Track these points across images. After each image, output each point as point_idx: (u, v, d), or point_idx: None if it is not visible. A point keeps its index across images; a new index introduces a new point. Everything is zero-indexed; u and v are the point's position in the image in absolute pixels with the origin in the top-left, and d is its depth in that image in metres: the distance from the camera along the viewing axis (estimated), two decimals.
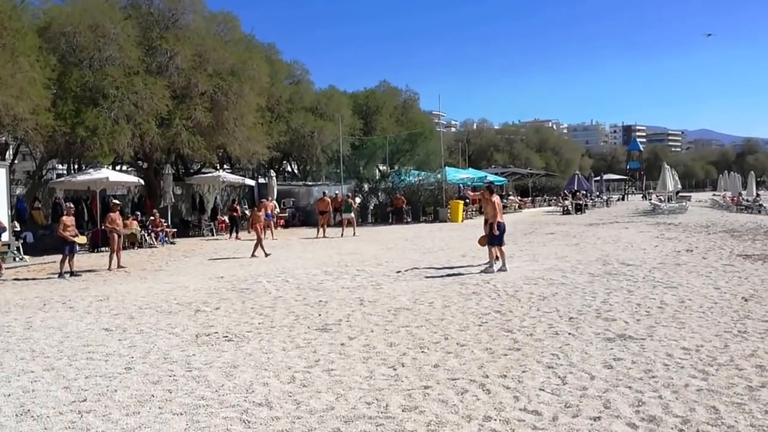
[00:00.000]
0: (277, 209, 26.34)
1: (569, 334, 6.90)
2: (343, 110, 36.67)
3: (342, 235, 22.68)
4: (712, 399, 4.75)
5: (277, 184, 30.27)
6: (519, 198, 47.62)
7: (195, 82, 23.28)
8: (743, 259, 12.98)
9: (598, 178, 63.52)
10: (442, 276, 11.70)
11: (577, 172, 51.43)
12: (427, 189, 33.16)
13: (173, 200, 24.21)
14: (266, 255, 15.89)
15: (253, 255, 16.08)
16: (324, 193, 26.00)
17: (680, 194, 46.36)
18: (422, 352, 6.33)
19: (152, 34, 23.36)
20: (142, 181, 24.02)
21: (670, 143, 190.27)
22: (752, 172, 51.28)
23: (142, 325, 8.07)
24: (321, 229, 22.93)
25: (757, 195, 43.89)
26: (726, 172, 57.53)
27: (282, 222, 28.55)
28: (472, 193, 26.92)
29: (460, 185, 36.50)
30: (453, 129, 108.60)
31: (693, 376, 5.32)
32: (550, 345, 6.44)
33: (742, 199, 40.31)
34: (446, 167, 35.72)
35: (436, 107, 75.57)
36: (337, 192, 29.09)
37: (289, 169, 42.16)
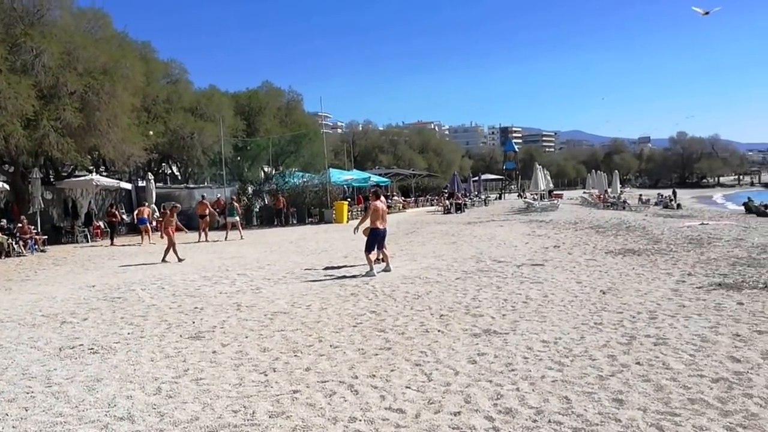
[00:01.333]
0: (156, 213, 25.33)
1: (439, 331, 7.16)
2: (225, 111, 35.85)
3: (226, 238, 22.23)
4: (566, 389, 5.07)
5: (157, 188, 29.12)
6: (403, 198, 48.60)
7: (64, 81, 21.88)
8: (605, 254, 13.97)
9: (477, 178, 66.10)
10: (322, 278, 11.74)
11: (456, 172, 53.27)
12: (312, 190, 33.14)
13: (42, 206, 22.66)
14: (179, 260, 15.55)
15: (164, 260, 15.66)
16: (203, 196, 25.27)
17: (553, 192, 49.21)
18: (295, 356, 6.33)
19: (16, 31, 21.74)
20: (7, 186, 22.35)
21: (544, 144, 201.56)
22: (617, 171, 55.35)
23: (1, 340, 7.52)
24: (202, 234, 22.38)
25: (621, 192, 47.43)
26: (594, 171, 61.67)
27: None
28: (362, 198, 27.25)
29: (344, 186, 36.79)
30: (339, 130, 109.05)
31: (549, 367, 5.66)
32: (420, 343, 6.65)
33: (608, 196, 43.41)
34: (331, 168, 35.84)
35: (320, 109, 75.32)
36: (219, 195, 28.38)
37: (169, 171, 40.68)
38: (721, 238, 16.06)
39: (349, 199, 34.58)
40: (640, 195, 53.90)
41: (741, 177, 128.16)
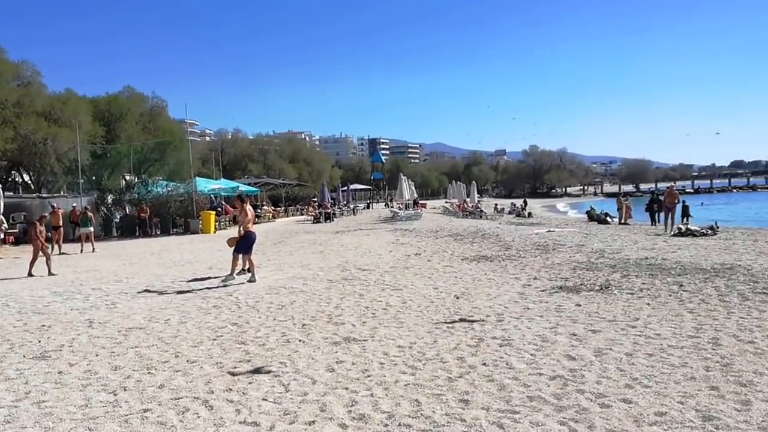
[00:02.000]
0: (5, 225, 23.33)
1: (300, 341, 7.22)
2: (82, 116, 33.88)
3: (82, 251, 20.97)
4: (417, 392, 5.30)
5: (5, 197, 26.79)
6: (272, 208, 48.09)
7: None
8: (461, 260, 14.68)
9: (346, 187, 66.94)
10: (184, 291, 11.40)
11: (325, 182, 53.68)
12: (178, 200, 31.97)
13: None
14: (50, 274, 14.47)
15: (29, 274, 14.53)
16: (53, 206, 23.57)
17: (417, 202, 50.82)
18: (149, 373, 6.13)
19: None
20: None
21: (410, 155, 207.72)
22: (475, 181, 58.26)
23: None
24: (56, 246, 20.96)
25: (479, 202, 49.99)
26: (454, 181, 64.42)
27: (11, 239, 25.37)
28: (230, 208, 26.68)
29: (212, 196, 35.84)
30: (208, 138, 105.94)
31: (403, 372, 5.91)
32: (280, 353, 6.68)
33: (467, 205, 45.52)
34: (198, 177, 34.80)
35: (186, 116, 72.90)
36: (74, 204, 26.65)
37: (20, 179, 37.64)
38: (565, 244, 17.41)
39: (218, 209, 33.68)
40: (496, 204, 57.24)
41: (586, 187, 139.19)
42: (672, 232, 20.94)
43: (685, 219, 26.34)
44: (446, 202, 58.61)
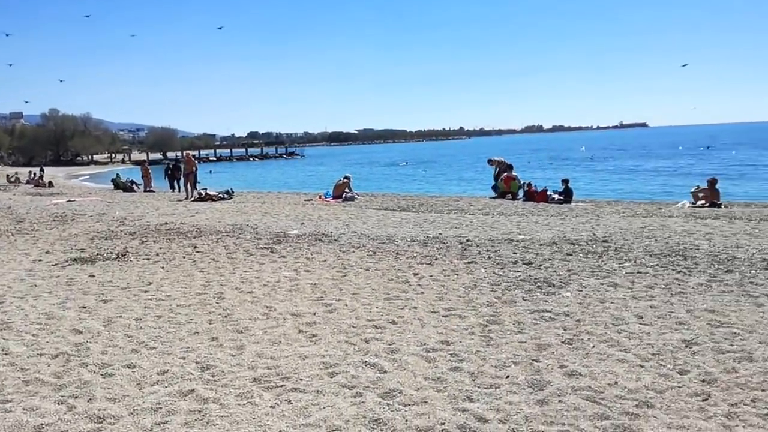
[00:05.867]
0: None
1: None
2: None
3: None
4: None
5: None
6: None
7: None
8: None
9: None
10: None
11: None
12: None
13: None
14: None
15: None
16: None
17: None
18: None
19: None
20: None
21: None
22: None
23: None
24: None
25: None
26: None
27: None
28: None
29: None
30: None
31: None
32: None
33: None
34: None
35: None
36: None
37: None
38: (86, 213, 16.52)
39: None
40: (8, 174, 49.46)
41: (113, 155, 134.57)
42: (192, 198, 21.95)
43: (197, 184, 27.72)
44: None
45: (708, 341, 5.15)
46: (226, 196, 21.93)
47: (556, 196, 19.79)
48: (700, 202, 17.23)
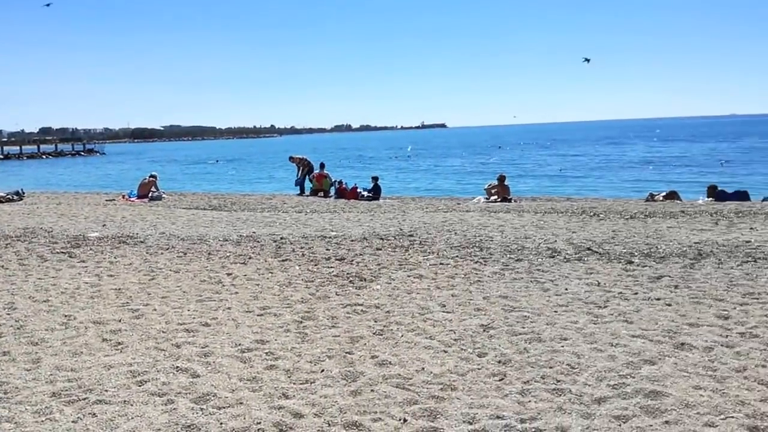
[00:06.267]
0: None
1: None
2: None
3: None
4: None
5: None
6: None
7: None
8: None
9: None
10: None
11: None
12: None
13: None
14: None
15: None
16: None
17: None
18: None
19: None
20: None
21: None
22: None
23: None
24: None
25: None
26: None
27: None
28: None
29: None
30: None
31: None
32: None
33: None
34: None
35: None
36: None
37: None
38: None
39: None
40: None
41: None
42: None
43: None
44: None
45: (503, 325, 5.69)
46: (15, 197, 19.75)
47: (365, 194, 20.52)
48: (492, 198, 18.81)
